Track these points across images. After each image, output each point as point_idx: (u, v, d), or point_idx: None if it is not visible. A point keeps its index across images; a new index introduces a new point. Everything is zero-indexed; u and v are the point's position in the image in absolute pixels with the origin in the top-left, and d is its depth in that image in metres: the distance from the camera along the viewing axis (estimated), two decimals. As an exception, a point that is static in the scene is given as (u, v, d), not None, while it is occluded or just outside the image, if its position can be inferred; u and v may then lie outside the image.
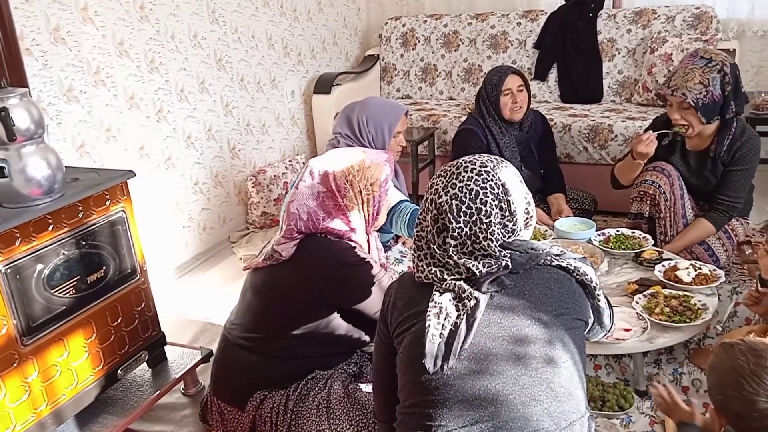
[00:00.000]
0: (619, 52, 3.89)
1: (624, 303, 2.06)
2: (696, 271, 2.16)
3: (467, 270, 1.25)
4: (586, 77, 3.94)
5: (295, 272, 1.73)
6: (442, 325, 1.22)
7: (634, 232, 2.52)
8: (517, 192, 1.30)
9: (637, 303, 2.03)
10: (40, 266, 1.64)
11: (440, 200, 1.28)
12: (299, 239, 1.74)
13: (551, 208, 3.00)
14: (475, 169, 1.28)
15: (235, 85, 3.40)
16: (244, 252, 3.26)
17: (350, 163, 1.76)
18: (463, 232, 1.26)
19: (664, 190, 2.49)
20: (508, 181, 1.29)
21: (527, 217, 1.33)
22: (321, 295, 1.72)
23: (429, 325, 1.22)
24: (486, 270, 1.23)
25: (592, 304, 1.35)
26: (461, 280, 1.25)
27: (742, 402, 1.22)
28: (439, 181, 1.31)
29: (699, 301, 2.02)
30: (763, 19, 3.91)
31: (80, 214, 1.75)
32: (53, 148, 1.72)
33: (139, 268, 1.95)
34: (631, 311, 1.99)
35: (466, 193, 1.26)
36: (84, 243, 1.76)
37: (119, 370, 1.90)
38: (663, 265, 2.22)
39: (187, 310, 2.75)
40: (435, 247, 1.28)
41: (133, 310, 1.94)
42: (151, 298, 2.02)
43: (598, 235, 2.50)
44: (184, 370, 2.08)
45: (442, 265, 1.28)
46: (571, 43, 3.95)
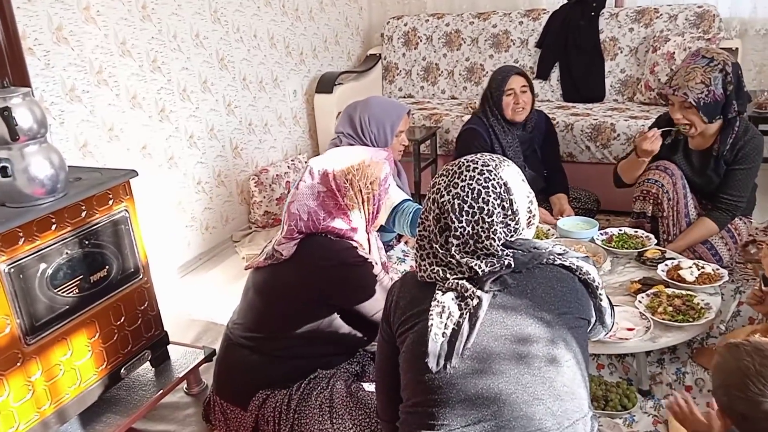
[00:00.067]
0: (622, 51, 3.88)
1: (627, 302, 2.06)
2: (699, 270, 2.16)
3: (470, 269, 1.24)
4: (589, 76, 3.93)
5: (296, 271, 1.73)
6: (445, 324, 1.21)
7: (636, 232, 2.51)
8: (519, 191, 1.30)
9: (640, 302, 2.02)
10: (43, 266, 1.64)
11: (442, 199, 1.28)
12: (300, 239, 1.74)
13: (553, 209, 3.00)
14: (477, 168, 1.28)
15: (238, 85, 3.40)
16: (246, 251, 3.26)
17: (350, 162, 1.76)
18: (466, 232, 1.26)
19: (667, 189, 2.49)
20: (510, 180, 1.29)
21: (530, 216, 1.33)
22: (321, 295, 1.72)
23: (432, 325, 1.22)
24: (489, 269, 1.23)
25: (594, 303, 1.34)
26: (464, 279, 1.25)
27: (748, 403, 1.21)
28: (442, 180, 1.30)
29: (702, 301, 2.02)
30: (765, 18, 3.90)
31: (83, 214, 1.75)
32: (56, 147, 1.73)
33: (142, 267, 1.95)
34: (634, 310, 1.99)
35: (468, 192, 1.26)
36: (87, 242, 1.76)
37: (122, 370, 1.90)
38: (666, 265, 2.22)
39: (189, 310, 2.76)
40: (437, 247, 1.28)
41: (136, 309, 1.95)
42: (154, 298, 2.02)
43: (601, 234, 2.50)
44: (187, 370, 2.08)
45: (445, 264, 1.28)
46: (573, 42, 3.94)
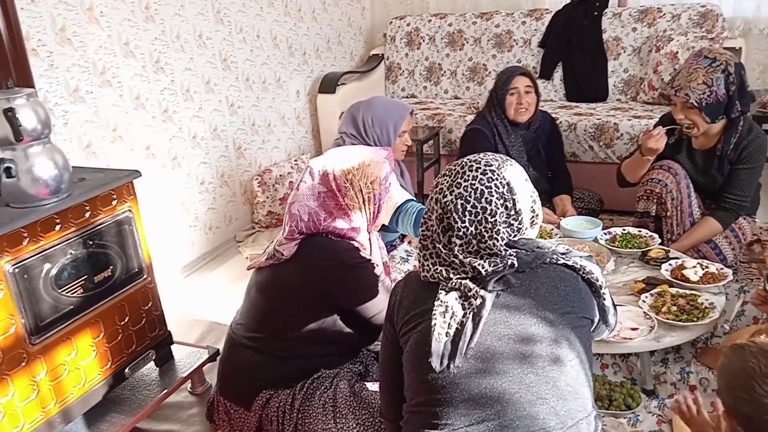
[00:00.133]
0: (625, 51, 3.87)
1: (631, 302, 2.06)
2: (703, 269, 2.15)
3: (473, 269, 1.24)
4: (592, 76, 3.92)
5: (297, 272, 1.73)
6: (448, 324, 1.21)
7: (640, 231, 2.51)
8: (522, 190, 1.29)
9: (644, 302, 2.02)
10: (47, 266, 1.65)
11: (445, 199, 1.28)
12: (300, 239, 1.74)
13: (556, 209, 2.99)
14: (480, 168, 1.28)
15: (241, 85, 3.41)
16: (250, 251, 3.26)
17: (350, 162, 1.76)
18: (469, 232, 1.26)
19: (671, 189, 2.48)
20: (513, 180, 1.29)
21: (533, 216, 1.33)
22: (322, 295, 1.72)
23: (435, 324, 1.22)
24: (492, 269, 1.23)
25: (597, 303, 1.34)
26: (467, 279, 1.25)
27: (753, 404, 1.20)
28: (444, 180, 1.30)
29: (706, 300, 2.01)
30: (769, 17, 3.90)
31: (87, 214, 1.75)
32: (60, 148, 1.73)
33: (146, 267, 1.96)
34: (638, 310, 1.98)
35: (471, 192, 1.26)
36: (91, 242, 1.77)
37: (126, 369, 1.91)
38: (670, 264, 2.21)
39: (193, 310, 2.76)
40: (440, 247, 1.28)
41: (140, 309, 1.95)
42: (158, 298, 2.03)
43: (605, 233, 2.49)
44: (191, 369, 2.08)
45: (448, 264, 1.28)
46: (576, 42, 3.94)
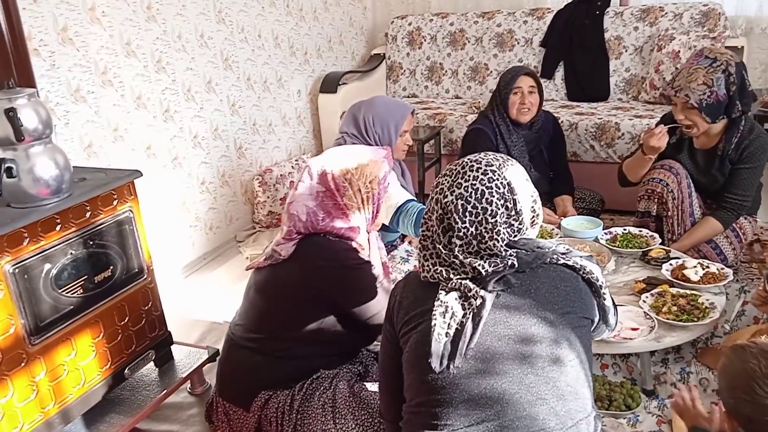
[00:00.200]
0: (626, 50, 3.87)
1: (631, 302, 2.05)
2: (704, 269, 2.15)
3: (473, 269, 1.24)
4: (593, 75, 3.92)
5: (295, 271, 1.73)
6: (448, 324, 1.21)
7: (641, 231, 2.50)
8: (522, 191, 1.29)
9: (645, 302, 2.02)
10: (47, 266, 1.65)
11: (446, 200, 1.27)
12: (298, 239, 1.74)
13: (557, 209, 2.99)
14: (481, 168, 1.28)
15: (242, 85, 3.41)
16: (250, 251, 3.26)
17: (348, 162, 1.75)
18: (469, 232, 1.25)
19: (672, 189, 2.48)
20: (513, 180, 1.28)
21: (533, 216, 1.33)
22: (320, 294, 1.72)
23: (435, 324, 1.22)
24: (492, 269, 1.23)
25: (597, 303, 1.34)
26: (467, 279, 1.25)
27: (754, 405, 1.19)
28: (445, 180, 1.30)
29: (707, 300, 2.01)
30: (771, 16, 3.89)
31: (88, 214, 1.75)
32: (61, 148, 1.73)
33: (146, 267, 1.96)
34: (639, 310, 1.98)
35: (471, 192, 1.26)
36: (91, 243, 1.77)
37: (126, 370, 1.91)
38: (670, 264, 2.21)
39: (193, 310, 2.76)
40: (441, 247, 1.28)
41: (140, 309, 1.95)
42: (158, 298, 2.03)
43: (605, 233, 2.49)
44: (190, 370, 2.08)
45: (448, 264, 1.27)
46: (577, 41, 3.93)
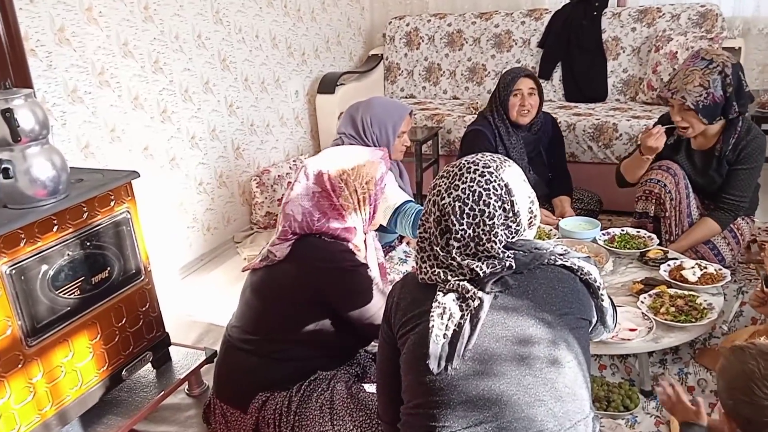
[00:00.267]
0: (624, 51, 3.87)
1: (629, 303, 2.06)
2: (701, 270, 2.15)
3: (471, 271, 1.24)
4: (591, 76, 3.92)
5: (290, 272, 1.72)
6: (446, 326, 1.21)
7: (639, 232, 2.51)
8: (520, 192, 1.29)
9: (643, 303, 2.02)
10: (44, 267, 1.64)
11: (443, 202, 1.27)
12: (293, 240, 1.73)
13: (555, 210, 2.99)
14: (478, 170, 1.27)
15: (239, 85, 3.41)
16: (248, 252, 3.26)
17: (345, 162, 1.74)
18: (467, 234, 1.25)
19: (670, 189, 2.48)
20: (511, 182, 1.28)
21: (531, 217, 1.32)
22: (315, 295, 1.70)
23: (433, 326, 1.21)
24: (490, 270, 1.23)
25: (595, 304, 1.34)
26: (465, 281, 1.25)
27: (753, 407, 1.19)
28: (442, 182, 1.30)
29: (705, 301, 2.01)
30: (768, 17, 3.90)
31: (85, 215, 1.75)
32: (58, 148, 1.72)
33: (144, 268, 1.95)
34: (637, 311, 1.98)
35: (469, 194, 1.25)
36: (88, 244, 1.76)
37: (124, 371, 1.90)
38: (668, 265, 2.21)
39: (191, 311, 2.76)
40: (438, 249, 1.28)
41: (138, 310, 1.95)
42: (156, 299, 2.02)
43: (603, 234, 2.49)
44: (188, 371, 2.08)
45: (446, 266, 1.27)
46: (575, 42, 3.94)
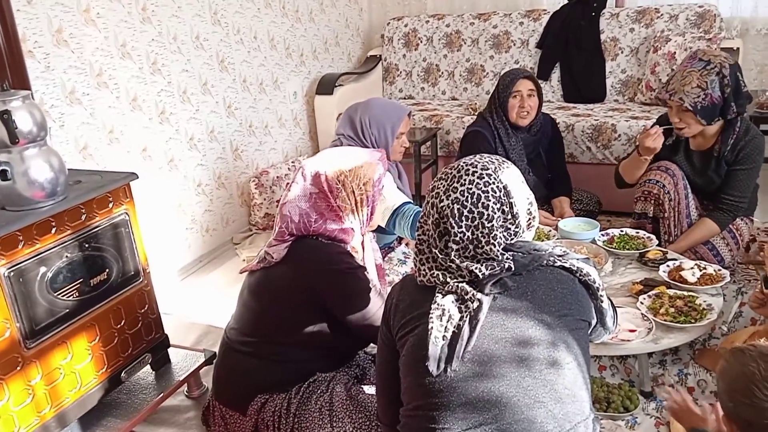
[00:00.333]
0: (622, 51, 3.87)
1: (628, 303, 2.05)
2: (701, 271, 2.15)
3: (470, 273, 1.24)
4: (589, 76, 3.93)
5: (287, 274, 1.71)
6: (445, 327, 1.21)
7: (638, 232, 2.51)
8: (519, 193, 1.29)
9: (642, 303, 2.02)
10: (43, 269, 1.64)
11: (441, 204, 1.27)
12: (290, 241, 1.73)
13: (555, 211, 2.99)
14: (477, 172, 1.27)
15: (238, 87, 3.40)
16: (247, 253, 3.26)
17: (342, 163, 1.74)
18: (465, 237, 1.25)
19: (669, 190, 2.48)
20: (510, 183, 1.28)
21: (529, 218, 1.32)
22: (312, 297, 1.70)
23: (432, 328, 1.21)
24: (489, 272, 1.23)
25: (595, 305, 1.34)
26: (464, 282, 1.24)
27: (753, 409, 1.18)
28: (440, 184, 1.29)
29: (704, 302, 2.01)
30: (766, 17, 3.89)
31: (83, 217, 1.75)
32: (56, 150, 1.72)
33: (143, 270, 1.95)
34: (636, 312, 1.98)
35: (467, 197, 1.25)
36: (87, 245, 1.76)
37: (123, 373, 1.90)
38: (667, 266, 2.21)
39: (190, 312, 2.75)
40: (437, 251, 1.27)
41: (137, 312, 1.94)
42: (155, 301, 2.02)
43: (602, 235, 2.49)
44: (187, 373, 2.08)
45: (445, 268, 1.27)
46: (573, 43, 3.94)
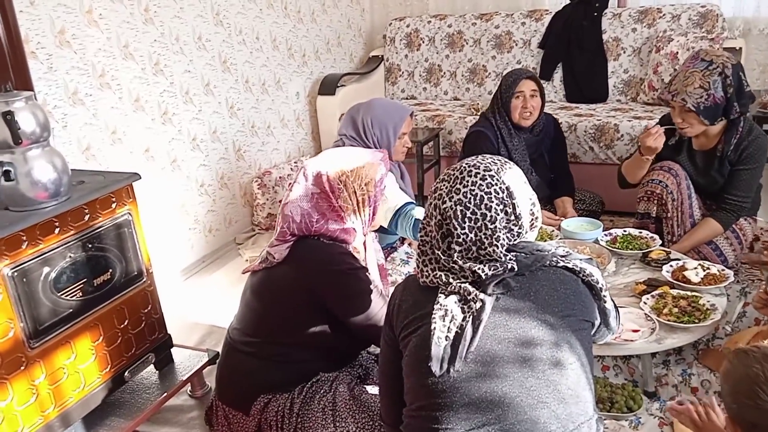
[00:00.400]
0: (625, 51, 3.87)
1: (632, 304, 2.05)
2: (704, 271, 2.15)
3: (473, 273, 1.24)
4: (592, 77, 3.92)
5: (289, 274, 1.71)
6: (448, 328, 1.21)
7: (641, 232, 2.50)
8: (521, 194, 1.29)
9: (645, 303, 2.01)
10: (46, 269, 1.64)
11: (444, 206, 1.27)
12: (292, 241, 1.73)
13: (557, 211, 2.99)
14: (479, 173, 1.27)
15: (240, 87, 3.40)
16: (250, 253, 3.26)
17: (344, 164, 1.74)
18: (468, 238, 1.25)
19: (672, 190, 2.48)
20: (512, 184, 1.28)
21: (532, 219, 1.32)
22: (313, 298, 1.70)
23: (435, 328, 1.21)
24: (491, 272, 1.22)
25: (598, 306, 1.34)
26: (467, 283, 1.24)
27: (758, 411, 1.17)
28: (443, 185, 1.29)
29: (708, 302, 2.00)
30: (769, 17, 3.89)
31: (86, 217, 1.75)
32: (59, 151, 1.72)
33: (146, 270, 1.95)
34: (639, 312, 1.98)
35: (470, 198, 1.25)
36: (90, 246, 1.76)
37: (126, 373, 1.90)
38: (671, 266, 2.21)
39: (193, 312, 2.76)
40: (439, 253, 1.27)
41: (140, 312, 1.95)
42: (158, 301, 2.02)
43: (605, 235, 2.49)
44: (191, 373, 2.08)
45: (447, 269, 1.27)
46: (576, 43, 3.93)
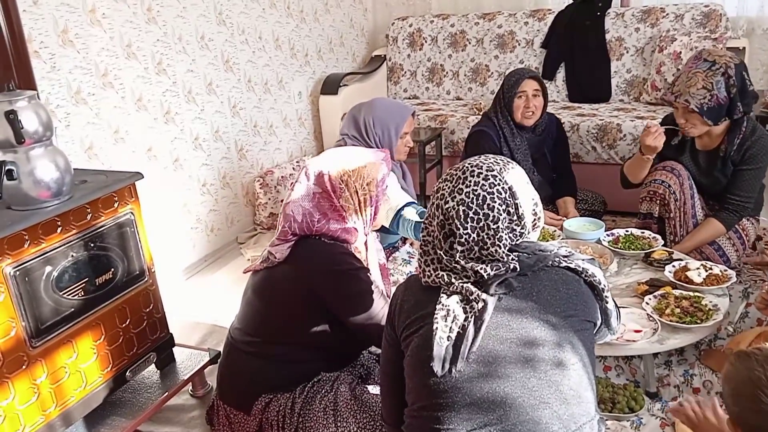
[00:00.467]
0: (628, 51, 3.86)
1: (634, 304, 2.05)
2: (707, 271, 2.14)
3: (475, 273, 1.23)
4: (594, 76, 3.92)
5: (290, 274, 1.71)
6: (450, 328, 1.21)
7: (643, 233, 2.50)
8: (524, 194, 1.29)
9: (648, 304, 2.01)
10: (48, 268, 1.64)
11: (447, 206, 1.26)
12: (293, 241, 1.72)
13: (559, 211, 2.98)
14: (482, 173, 1.27)
15: (243, 87, 3.41)
16: (252, 253, 3.26)
17: (346, 163, 1.74)
18: (471, 238, 1.25)
19: (674, 190, 2.48)
20: (515, 184, 1.27)
21: (535, 219, 1.32)
22: (314, 298, 1.70)
23: (436, 328, 1.21)
24: (494, 273, 1.22)
25: (600, 306, 1.33)
26: (469, 283, 1.24)
27: (760, 414, 1.17)
28: (445, 185, 1.29)
29: (710, 302, 2.00)
30: (773, 17, 3.88)
31: (88, 216, 1.75)
32: (61, 150, 1.72)
33: (148, 269, 1.95)
34: (642, 312, 1.97)
35: (473, 198, 1.25)
36: (92, 245, 1.76)
37: (128, 372, 1.90)
38: (673, 266, 2.20)
39: (195, 312, 2.76)
40: (442, 253, 1.27)
41: (142, 311, 1.95)
42: (160, 300, 2.02)
43: (608, 235, 2.49)
44: (192, 372, 2.08)
45: (449, 269, 1.27)
46: (578, 43, 3.93)
